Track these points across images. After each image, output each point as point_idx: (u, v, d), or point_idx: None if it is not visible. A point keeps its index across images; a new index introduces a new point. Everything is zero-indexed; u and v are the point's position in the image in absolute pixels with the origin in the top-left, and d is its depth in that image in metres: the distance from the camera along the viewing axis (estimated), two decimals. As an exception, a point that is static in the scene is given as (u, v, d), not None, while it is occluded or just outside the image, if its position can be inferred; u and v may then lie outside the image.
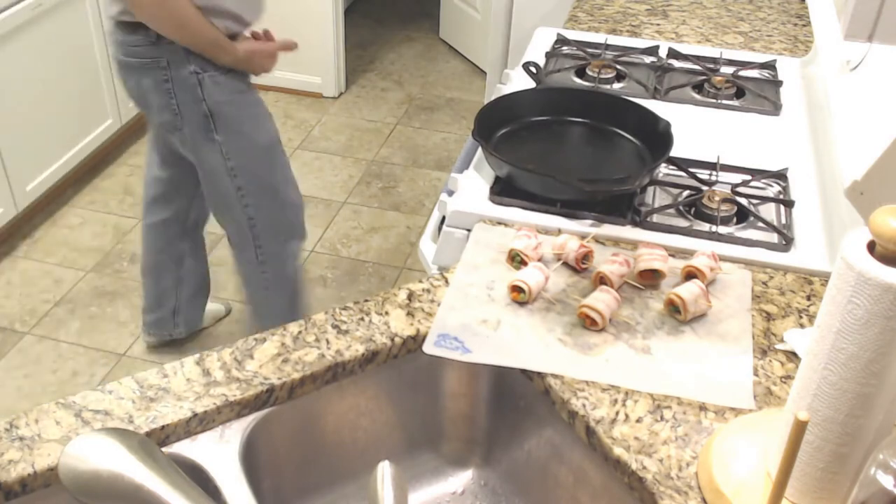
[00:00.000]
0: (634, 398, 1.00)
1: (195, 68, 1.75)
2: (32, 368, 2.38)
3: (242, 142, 1.85)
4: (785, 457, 0.73)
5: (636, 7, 2.06)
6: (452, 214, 1.32)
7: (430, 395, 1.13)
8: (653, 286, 1.17)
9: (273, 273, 2.02)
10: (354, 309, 1.11)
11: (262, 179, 1.91)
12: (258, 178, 1.90)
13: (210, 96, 1.78)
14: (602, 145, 1.48)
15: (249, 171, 1.88)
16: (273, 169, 1.92)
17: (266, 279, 2.02)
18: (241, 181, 1.88)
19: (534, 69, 1.67)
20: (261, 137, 1.88)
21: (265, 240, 1.97)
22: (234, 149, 1.84)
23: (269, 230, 1.96)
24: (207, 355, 1.04)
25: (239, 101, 1.83)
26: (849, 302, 0.73)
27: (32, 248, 2.82)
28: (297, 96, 3.74)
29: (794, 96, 1.67)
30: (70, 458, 0.75)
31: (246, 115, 1.85)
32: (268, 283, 2.03)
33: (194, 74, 1.75)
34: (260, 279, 2.03)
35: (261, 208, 1.93)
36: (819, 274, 1.21)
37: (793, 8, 2.09)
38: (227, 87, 1.80)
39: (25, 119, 2.75)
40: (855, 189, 1.10)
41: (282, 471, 1.06)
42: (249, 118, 1.86)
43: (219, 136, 1.82)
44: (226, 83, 1.79)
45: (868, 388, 0.75)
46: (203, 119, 1.80)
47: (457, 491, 1.16)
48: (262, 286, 2.04)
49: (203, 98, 1.77)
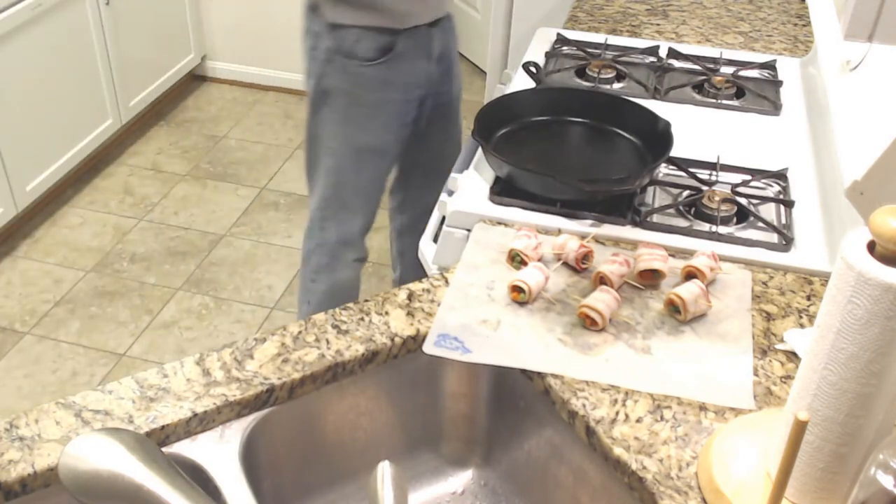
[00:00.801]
0: (634, 398, 1.00)
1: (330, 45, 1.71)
2: (32, 368, 2.38)
3: (347, 130, 1.82)
4: (785, 457, 0.73)
5: (636, 7, 2.06)
6: (452, 214, 1.32)
7: (430, 395, 1.13)
8: (653, 286, 1.17)
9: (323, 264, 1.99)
10: (354, 309, 1.12)
11: (346, 173, 1.87)
12: (344, 171, 1.86)
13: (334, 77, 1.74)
14: (602, 145, 1.48)
15: (340, 158, 1.85)
16: (363, 174, 1.87)
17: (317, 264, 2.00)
18: (329, 161, 1.85)
19: (534, 69, 1.67)
20: (361, 138, 1.82)
21: (329, 230, 1.94)
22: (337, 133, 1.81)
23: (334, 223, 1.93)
24: (207, 355, 1.04)
25: (360, 94, 1.77)
26: (849, 302, 0.73)
27: (32, 248, 2.82)
28: (297, 96, 3.74)
29: (794, 96, 1.67)
30: (70, 458, 0.75)
31: (357, 112, 1.79)
32: (316, 268, 2.00)
33: (328, 51, 1.73)
34: (311, 260, 2.00)
35: (336, 196, 1.90)
36: (819, 274, 1.21)
37: (793, 8, 2.09)
38: (354, 76, 1.75)
39: (25, 119, 2.75)
40: (855, 189, 1.10)
41: (282, 471, 1.06)
42: (360, 116, 1.80)
43: (327, 114, 1.79)
44: (355, 71, 1.74)
45: (868, 388, 0.75)
46: (321, 94, 1.77)
47: (457, 491, 1.16)
48: (311, 269, 2.01)
49: (328, 75, 1.75)
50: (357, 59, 1.71)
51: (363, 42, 1.69)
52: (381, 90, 1.76)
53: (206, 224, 2.97)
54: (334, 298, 2.02)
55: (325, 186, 1.88)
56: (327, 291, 2.01)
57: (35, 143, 2.80)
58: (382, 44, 1.70)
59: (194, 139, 3.43)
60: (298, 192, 3.15)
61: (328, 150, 1.84)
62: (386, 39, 1.69)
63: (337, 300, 2.01)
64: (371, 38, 1.69)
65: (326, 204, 1.90)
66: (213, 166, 3.28)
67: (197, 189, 3.15)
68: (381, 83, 1.75)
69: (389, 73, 1.74)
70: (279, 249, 2.86)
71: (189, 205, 3.07)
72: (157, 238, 2.90)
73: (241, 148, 3.40)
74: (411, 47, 1.73)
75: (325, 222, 1.92)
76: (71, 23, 2.89)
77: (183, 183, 3.18)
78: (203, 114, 3.61)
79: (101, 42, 3.04)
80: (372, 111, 1.78)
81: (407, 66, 1.75)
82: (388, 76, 1.74)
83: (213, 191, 3.14)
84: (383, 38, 1.69)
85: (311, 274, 2.00)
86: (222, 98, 3.73)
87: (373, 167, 1.86)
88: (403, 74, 1.76)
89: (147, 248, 2.85)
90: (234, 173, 3.24)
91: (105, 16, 3.03)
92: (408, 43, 1.72)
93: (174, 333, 2.51)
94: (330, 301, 2.02)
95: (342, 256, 1.96)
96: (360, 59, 1.71)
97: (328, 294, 2.02)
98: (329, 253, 1.96)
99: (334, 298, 2.02)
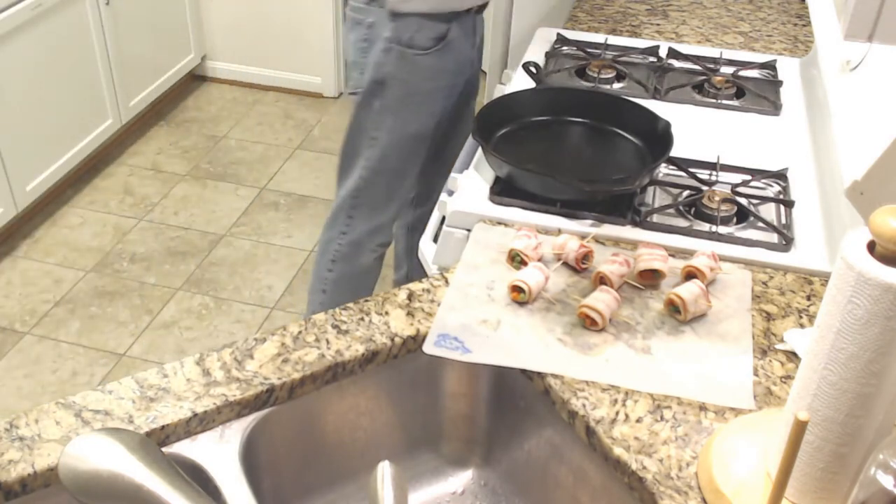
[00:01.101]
0: (634, 398, 1.00)
1: (390, 35, 1.74)
2: (32, 368, 2.38)
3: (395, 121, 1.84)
4: (785, 457, 0.73)
5: (636, 7, 2.06)
6: (452, 214, 1.32)
7: (430, 395, 1.13)
8: (653, 286, 1.17)
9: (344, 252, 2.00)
10: (354, 309, 1.11)
11: (391, 161, 1.89)
12: (388, 159, 1.88)
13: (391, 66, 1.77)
14: (602, 145, 1.48)
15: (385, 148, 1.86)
16: (406, 160, 1.90)
17: (337, 253, 2.01)
18: (372, 153, 1.87)
19: (534, 69, 1.67)
20: (411, 126, 1.85)
21: (358, 218, 1.95)
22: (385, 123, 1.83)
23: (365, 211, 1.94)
24: (207, 355, 1.04)
25: (415, 83, 1.80)
26: (849, 302, 0.73)
27: (32, 248, 2.82)
28: (297, 96, 3.74)
29: (794, 96, 1.67)
30: (70, 458, 0.75)
31: (411, 101, 1.82)
32: (335, 256, 2.01)
33: (386, 41, 1.74)
34: (331, 248, 2.01)
35: (373, 185, 1.91)
36: (819, 274, 1.21)
37: (793, 8, 2.09)
38: (411, 66, 1.77)
39: (25, 119, 2.75)
40: (855, 189, 1.10)
41: (282, 471, 1.06)
42: (413, 104, 1.83)
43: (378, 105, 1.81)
44: (412, 60, 1.76)
45: (868, 388, 0.75)
46: (376, 85, 1.79)
47: (457, 491, 1.16)
48: (329, 258, 2.02)
49: (385, 65, 1.77)
50: (415, 49, 1.75)
51: (423, 31, 1.74)
52: (434, 79, 1.80)
53: (206, 224, 2.97)
54: (352, 285, 2.03)
55: (360, 178, 1.90)
56: (345, 279, 2.02)
57: (35, 143, 2.80)
58: (439, 32, 1.75)
59: (194, 139, 3.43)
60: (298, 192, 3.15)
61: (371, 140, 1.86)
62: (442, 27, 1.74)
63: (353, 287, 2.03)
64: (430, 26, 1.73)
65: (358, 194, 1.92)
66: (213, 166, 3.28)
67: (197, 189, 3.15)
68: (435, 71, 1.79)
69: (441, 61, 1.79)
70: (279, 249, 2.86)
71: (189, 205, 3.07)
72: (157, 238, 2.90)
73: (241, 148, 3.39)
74: (460, 34, 1.79)
75: (354, 210, 1.94)
76: (71, 23, 2.89)
77: (183, 183, 3.18)
78: (203, 114, 3.61)
79: (101, 42, 3.04)
80: (424, 99, 1.82)
81: (455, 53, 1.80)
82: (441, 64, 1.79)
83: (213, 191, 3.14)
84: (440, 26, 1.74)
85: (329, 263, 2.01)
86: (222, 98, 3.73)
87: (416, 154, 1.89)
88: (452, 62, 1.81)
89: (147, 248, 2.85)
90: (234, 173, 3.24)
91: (105, 16, 3.03)
92: (458, 30, 1.77)
93: (174, 333, 2.51)
94: (347, 287, 2.03)
95: (367, 244, 1.98)
96: (417, 49, 1.75)
97: (345, 281, 2.03)
98: (353, 242, 1.98)
99: (352, 285, 2.03)
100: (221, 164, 3.29)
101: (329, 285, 2.03)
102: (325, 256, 2.02)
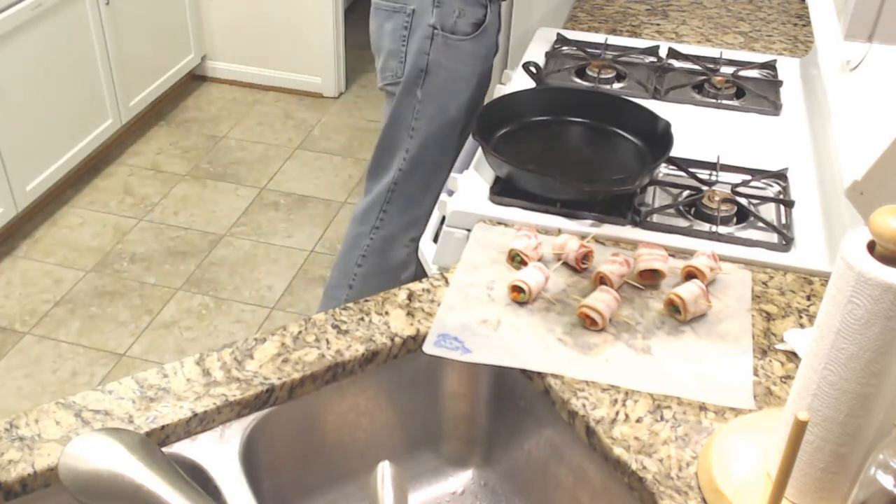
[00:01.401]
0: (634, 398, 1.00)
1: (433, 21, 1.76)
2: (32, 368, 2.38)
3: (435, 109, 1.85)
4: (785, 457, 0.73)
5: (636, 7, 2.06)
6: (452, 214, 1.32)
7: (430, 395, 1.13)
8: (653, 286, 1.17)
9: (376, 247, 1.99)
10: (354, 309, 1.11)
11: (430, 151, 1.89)
12: (427, 149, 1.89)
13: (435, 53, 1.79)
14: (602, 145, 1.48)
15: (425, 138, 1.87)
16: (444, 151, 1.90)
17: (368, 248, 2.00)
18: (411, 144, 1.88)
19: (534, 69, 1.67)
20: (451, 113, 1.86)
21: (393, 213, 1.95)
22: (426, 112, 1.85)
23: (401, 204, 1.94)
24: (207, 355, 1.04)
25: (457, 69, 1.82)
26: (849, 302, 0.73)
27: (32, 248, 2.82)
28: (297, 96, 3.74)
29: (794, 96, 1.67)
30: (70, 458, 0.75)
31: (451, 88, 1.84)
32: (366, 251, 2.00)
33: (429, 28, 1.77)
34: (362, 243, 2.00)
35: (410, 177, 1.91)
36: (819, 274, 1.21)
37: (793, 8, 2.09)
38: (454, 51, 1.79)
39: (25, 119, 2.75)
40: (855, 189, 1.10)
41: (282, 471, 1.06)
42: (453, 91, 1.84)
43: (418, 94, 1.83)
44: (455, 45, 1.78)
45: (868, 388, 0.75)
46: (417, 73, 1.81)
47: (457, 491, 1.16)
48: (359, 253, 2.01)
49: (428, 52, 1.79)
50: (458, 34, 1.78)
51: (464, 17, 1.77)
52: (473, 64, 1.83)
53: (206, 224, 2.97)
54: (380, 280, 2.02)
55: (399, 170, 1.90)
56: (373, 273, 2.02)
57: (35, 143, 2.80)
58: (478, 17, 1.79)
59: (194, 139, 3.43)
60: (298, 192, 3.15)
61: (412, 131, 1.87)
62: (480, 12, 1.78)
63: (382, 282, 2.01)
64: (470, 12, 1.77)
65: (395, 188, 1.92)
66: (213, 166, 3.28)
67: (197, 189, 3.15)
68: (473, 57, 1.83)
69: (479, 47, 1.82)
70: (279, 249, 2.86)
71: (189, 205, 3.07)
72: (157, 238, 2.90)
73: (241, 148, 3.40)
74: (494, 20, 1.83)
75: (389, 205, 1.94)
76: (71, 23, 2.89)
77: (183, 183, 3.18)
78: (203, 114, 3.61)
79: (101, 42, 3.04)
80: (463, 87, 1.85)
81: (489, 39, 1.84)
82: (478, 50, 1.83)
83: (213, 191, 3.14)
84: (479, 12, 1.78)
85: (359, 258, 2.01)
86: (222, 98, 3.73)
87: (452, 144, 1.90)
88: (485, 48, 1.85)
89: (147, 248, 2.85)
90: (234, 173, 3.24)
91: (105, 16, 3.03)
92: (492, 16, 1.82)
93: (174, 333, 2.51)
94: (375, 282, 2.02)
95: (401, 239, 1.98)
96: (460, 34, 1.78)
97: (374, 276, 2.02)
98: (386, 237, 1.98)
99: (380, 280, 2.02)
100: (221, 164, 3.29)
101: (357, 280, 2.02)
102: (354, 251, 2.01)
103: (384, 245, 1.98)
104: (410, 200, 1.94)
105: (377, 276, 2.02)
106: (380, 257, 2.00)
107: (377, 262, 2.00)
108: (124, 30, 3.16)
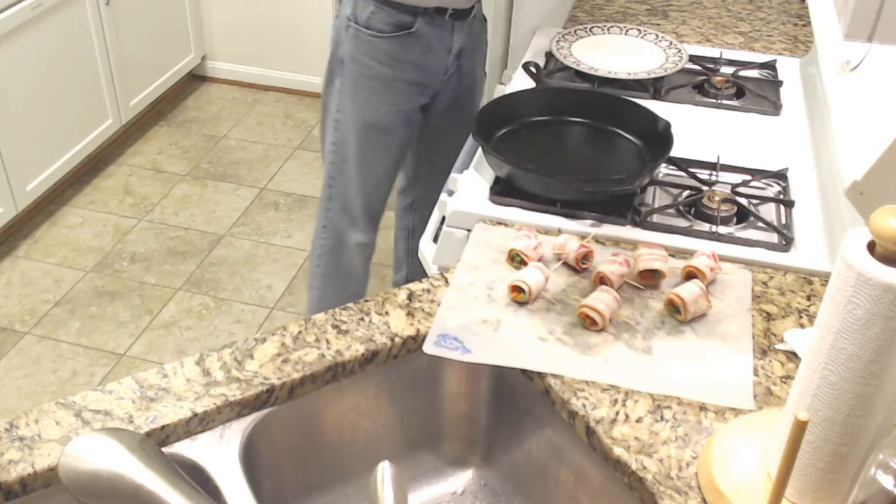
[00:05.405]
0: (634, 398, 1.00)
1: (349, 13, 1.75)
2: (32, 368, 2.38)
3: (354, 104, 1.84)
4: (785, 457, 0.73)
5: (636, 7, 2.06)
6: (452, 214, 1.32)
7: (430, 395, 1.13)
8: (653, 286, 1.17)
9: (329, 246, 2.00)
10: (354, 309, 1.11)
11: (355, 149, 1.87)
12: (350, 146, 1.87)
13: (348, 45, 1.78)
14: (602, 145, 1.48)
15: (348, 133, 1.86)
16: (370, 151, 1.88)
17: (322, 248, 2.01)
18: (337, 136, 1.87)
19: (534, 69, 1.67)
20: (367, 112, 1.84)
21: (335, 209, 1.95)
22: (345, 105, 1.84)
23: (339, 201, 1.94)
24: (207, 355, 1.04)
25: (370, 65, 1.78)
26: (849, 302, 0.73)
27: (32, 248, 2.82)
28: (297, 96, 3.74)
29: (794, 96, 1.67)
30: (70, 458, 0.75)
31: (366, 85, 1.81)
32: (321, 251, 2.01)
33: (346, 19, 1.76)
34: (317, 242, 2.02)
35: (342, 173, 1.91)
36: (819, 274, 1.21)
37: (793, 8, 2.09)
38: (366, 46, 1.77)
39: (25, 119, 2.75)
40: (855, 189, 1.10)
41: (282, 471, 1.06)
42: (368, 88, 1.82)
43: (338, 85, 1.83)
44: (367, 41, 1.76)
45: (868, 388, 0.75)
46: (336, 63, 1.81)
47: (457, 491, 1.16)
48: (316, 252, 2.03)
49: (342, 42, 1.78)
50: (371, 30, 1.74)
51: (379, 15, 1.73)
52: (391, 65, 1.78)
53: (206, 224, 2.97)
54: (337, 284, 2.02)
55: (331, 163, 1.91)
56: (331, 275, 2.02)
57: (35, 143, 2.80)
58: (399, 21, 1.73)
59: (194, 139, 3.43)
60: (298, 192, 3.15)
61: (334, 123, 1.87)
62: (403, 18, 1.72)
63: (340, 287, 2.01)
64: (387, 12, 1.72)
65: (331, 182, 1.93)
66: (213, 166, 3.28)
67: (197, 189, 3.15)
68: (393, 58, 1.77)
69: (402, 50, 1.76)
70: (279, 249, 2.86)
71: (189, 205, 3.06)
72: (157, 238, 2.90)
73: (241, 148, 3.39)
74: (430, 33, 1.76)
75: (329, 202, 1.94)
76: (71, 23, 2.89)
77: (183, 183, 3.18)
78: (203, 114, 3.61)
79: (101, 42, 3.04)
80: (381, 85, 1.80)
81: (421, 49, 1.77)
82: (400, 53, 1.76)
83: (213, 191, 3.14)
84: (400, 16, 1.72)
85: (316, 258, 2.02)
86: (222, 98, 3.73)
87: (377, 145, 1.87)
88: (416, 56, 1.78)
89: (147, 248, 2.85)
90: (234, 173, 3.24)
91: (105, 16, 3.03)
92: (427, 28, 1.74)
93: (174, 333, 2.51)
94: (333, 286, 2.03)
95: (348, 239, 1.97)
96: (374, 31, 1.74)
97: (332, 278, 2.02)
98: (334, 235, 1.97)
99: (337, 284, 2.02)
100: (221, 164, 3.29)
101: (318, 281, 2.04)
102: (314, 251, 2.03)
103: (335, 244, 1.98)
104: (347, 198, 1.93)
105: (333, 279, 2.02)
106: (334, 257, 2.00)
107: (332, 263, 2.01)
108: (124, 30, 3.16)
